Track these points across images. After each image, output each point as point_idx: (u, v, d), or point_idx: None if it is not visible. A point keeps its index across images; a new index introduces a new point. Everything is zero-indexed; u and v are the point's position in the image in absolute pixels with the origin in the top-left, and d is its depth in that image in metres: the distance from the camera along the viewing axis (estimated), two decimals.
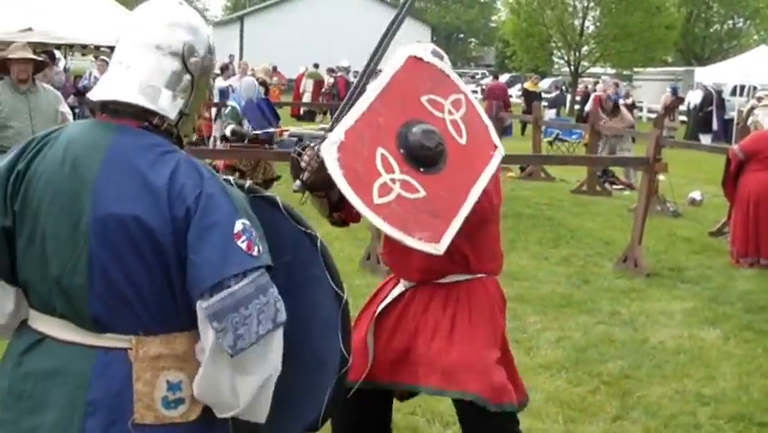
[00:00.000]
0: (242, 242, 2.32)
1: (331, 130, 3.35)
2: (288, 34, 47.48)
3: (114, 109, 2.44)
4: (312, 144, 3.45)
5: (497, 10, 71.42)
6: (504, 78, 39.58)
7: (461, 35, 78.74)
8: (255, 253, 2.34)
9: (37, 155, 2.42)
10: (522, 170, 16.83)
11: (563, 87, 36.95)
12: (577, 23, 42.02)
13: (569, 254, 10.28)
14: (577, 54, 41.35)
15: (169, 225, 2.31)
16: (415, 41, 3.85)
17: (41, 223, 2.37)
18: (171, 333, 2.40)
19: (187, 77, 2.49)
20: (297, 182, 3.46)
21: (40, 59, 7.82)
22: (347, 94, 3.55)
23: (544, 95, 30.75)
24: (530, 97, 26.87)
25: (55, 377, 2.38)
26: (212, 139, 18.83)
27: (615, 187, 16.06)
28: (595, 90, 25.84)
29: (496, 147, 3.61)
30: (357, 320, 3.96)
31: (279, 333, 2.39)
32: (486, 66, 66.72)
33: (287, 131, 21.49)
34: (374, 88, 3.42)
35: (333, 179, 3.17)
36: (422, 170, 3.33)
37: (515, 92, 35.28)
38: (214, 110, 19.10)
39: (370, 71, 3.58)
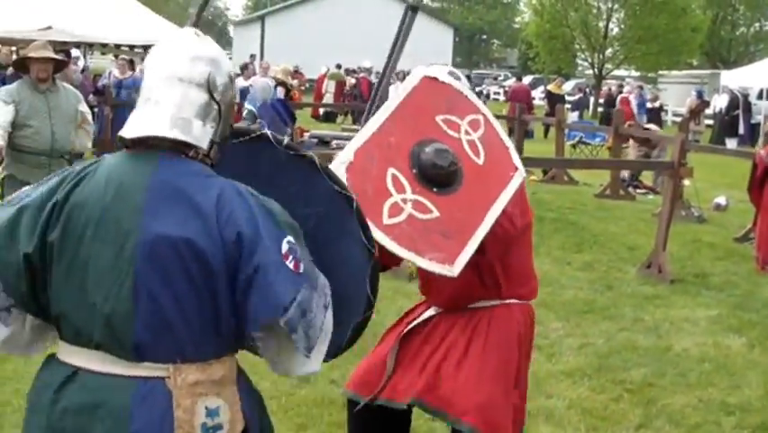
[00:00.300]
0: (290, 262, 2.40)
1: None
2: (310, 34, 47.53)
3: (149, 145, 2.48)
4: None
5: (520, 11, 71.38)
6: (527, 79, 39.55)
7: (484, 36, 78.64)
8: (302, 270, 2.42)
9: (77, 186, 2.44)
10: (545, 173, 16.78)
11: (587, 90, 36.82)
12: (601, 24, 41.95)
13: (592, 260, 10.23)
14: (601, 56, 41.26)
15: (220, 249, 2.36)
16: (438, 43, 3.84)
17: (83, 252, 2.39)
18: (207, 360, 2.43)
19: (215, 106, 2.53)
20: None
21: (60, 58, 7.83)
22: (369, 95, 3.55)
23: (567, 97, 30.65)
24: (553, 100, 26.80)
25: (95, 411, 2.39)
26: None
27: (639, 191, 16.00)
28: (621, 92, 25.78)
29: (516, 168, 3.56)
30: (383, 337, 3.96)
31: (330, 308, 2.52)
32: (509, 67, 66.65)
33: (307, 131, 21.66)
34: (386, 108, 3.41)
35: None
36: (435, 190, 3.32)
37: (537, 94, 35.19)
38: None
39: (390, 72, 3.61)
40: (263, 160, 2.65)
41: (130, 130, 2.48)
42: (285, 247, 2.40)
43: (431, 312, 3.83)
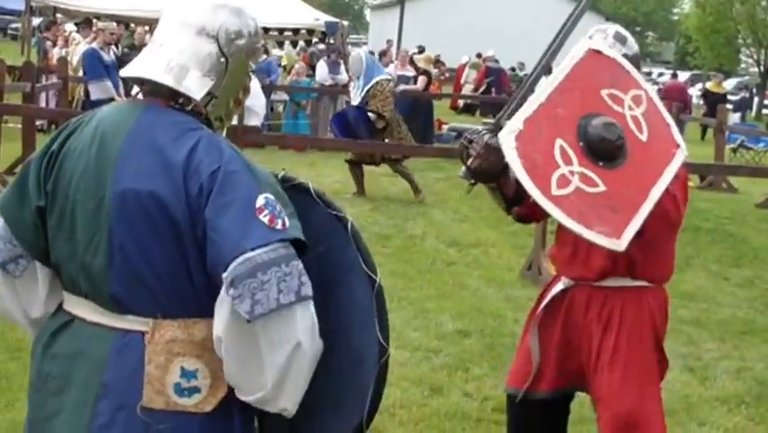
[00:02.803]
0: (264, 216, 2.37)
1: (496, 122, 3.54)
2: (451, 20, 47.53)
3: (148, 89, 2.56)
4: (482, 132, 3.63)
5: (679, 2, 69.88)
6: (683, 76, 38.64)
7: (638, 28, 77.17)
8: (279, 226, 2.38)
9: (71, 135, 2.56)
10: (702, 179, 16.35)
11: (753, 90, 35.77)
12: None
13: (752, 276, 9.91)
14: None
15: (184, 202, 2.39)
16: (589, 33, 3.87)
17: (71, 200, 2.49)
18: (190, 318, 2.47)
19: (222, 59, 2.55)
20: (464, 169, 3.65)
21: None
22: (516, 88, 3.66)
23: (729, 96, 29.80)
24: (711, 99, 26.11)
25: (77, 358, 2.51)
26: None
27: None
28: None
29: (678, 146, 3.61)
30: (524, 330, 4.08)
31: (304, 309, 2.40)
32: (664, 63, 65.37)
33: (446, 124, 21.70)
34: (553, 79, 3.50)
35: (509, 168, 3.32)
36: (601, 164, 3.40)
37: (695, 92, 34.32)
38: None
39: (545, 65, 3.67)
40: None
41: (127, 69, 2.58)
42: (260, 201, 2.38)
43: (560, 286, 3.93)
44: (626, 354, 3.74)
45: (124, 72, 2.58)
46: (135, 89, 2.63)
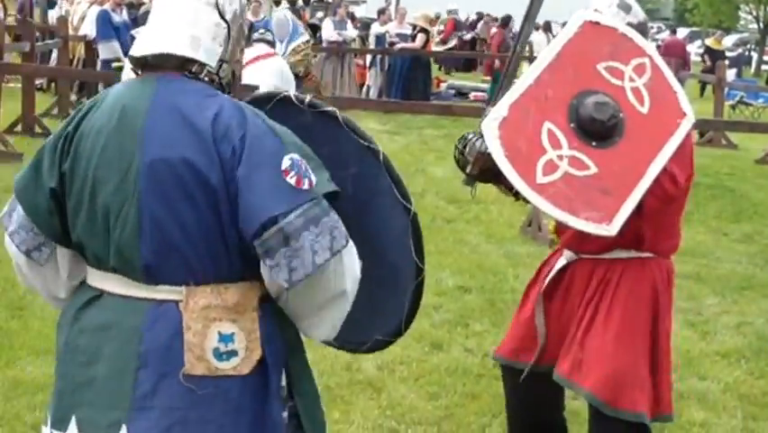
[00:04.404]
0: (291, 177, 2.42)
1: (493, 104, 3.39)
2: None
3: (154, 64, 2.56)
4: (472, 138, 3.56)
5: None
6: (682, 33, 38.37)
7: None
8: (306, 186, 2.43)
9: (85, 117, 2.56)
10: (701, 135, 16.27)
11: (751, 47, 35.55)
12: None
13: (752, 231, 9.88)
14: (767, 9, 39.68)
15: (218, 165, 2.42)
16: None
17: (91, 177, 2.50)
18: (222, 283, 2.50)
19: (224, 25, 2.60)
20: (464, 177, 3.65)
21: None
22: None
23: (727, 53, 29.59)
24: (713, 56, 25.92)
25: (108, 330, 2.52)
26: (365, 88, 18.94)
27: None
28: None
29: (684, 114, 3.47)
30: (523, 297, 4.00)
31: (342, 258, 2.48)
32: (663, 19, 64.93)
33: (444, 81, 21.58)
34: (543, 58, 3.39)
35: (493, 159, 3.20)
36: (594, 144, 3.29)
37: (694, 49, 34.10)
38: (369, 57, 19.20)
39: (531, 21, 3.64)
40: (292, 125, 2.62)
41: (139, 47, 2.57)
42: (286, 163, 2.43)
43: (563, 261, 3.82)
44: (621, 316, 3.62)
45: (136, 51, 2.57)
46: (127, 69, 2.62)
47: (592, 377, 3.61)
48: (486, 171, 3.54)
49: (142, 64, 2.59)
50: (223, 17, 2.59)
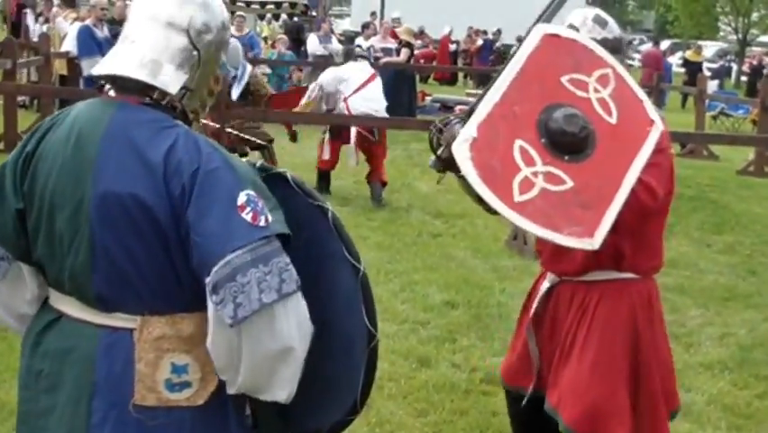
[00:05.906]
0: (247, 213, 2.35)
1: (469, 111, 3.30)
2: None
3: (120, 85, 2.51)
4: (453, 120, 3.44)
5: None
6: (664, 44, 38.55)
7: None
8: (262, 223, 2.37)
9: (46, 135, 2.51)
10: (682, 146, 16.35)
11: (731, 58, 35.75)
12: None
13: (734, 242, 9.93)
14: (746, 21, 39.91)
15: (167, 203, 2.37)
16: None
17: (48, 201, 2.46)
18: (177, 313, 2.46)
19: (194, 53, 2.53)
20: (433, 158, 3.48)
21: None
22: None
23: (706, 64, 29.73)
24: (691, 67, 26.05)
25: (68, 356, 2.50)
26: None
27: None
28: None
29: (653, 122, 3.42)
30: (518, 322, 4.00)
31: (289, 304, 2.40)
32: (644, 31, 65.17)
33: (429, 95, 21.59)
34: (507, 75, 3.30)
35: (467, 181, 3.11)
36: (566, 158, 3.21)
37: (676, 60, 34.24)
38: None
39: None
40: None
41: (100, 67, 2.52)
42: (242, 198, 2.36)
43: (546, 285, 3.80)
44: (597, 347, 3.58)
45: (96, 70, 2.52)
46: (107, 86, 2.57)
47: (569, 409, 3.59)
48: (453, 160, 3.34)
49: (111, 81, 2.54)
50: (193, 44, 2.52)
